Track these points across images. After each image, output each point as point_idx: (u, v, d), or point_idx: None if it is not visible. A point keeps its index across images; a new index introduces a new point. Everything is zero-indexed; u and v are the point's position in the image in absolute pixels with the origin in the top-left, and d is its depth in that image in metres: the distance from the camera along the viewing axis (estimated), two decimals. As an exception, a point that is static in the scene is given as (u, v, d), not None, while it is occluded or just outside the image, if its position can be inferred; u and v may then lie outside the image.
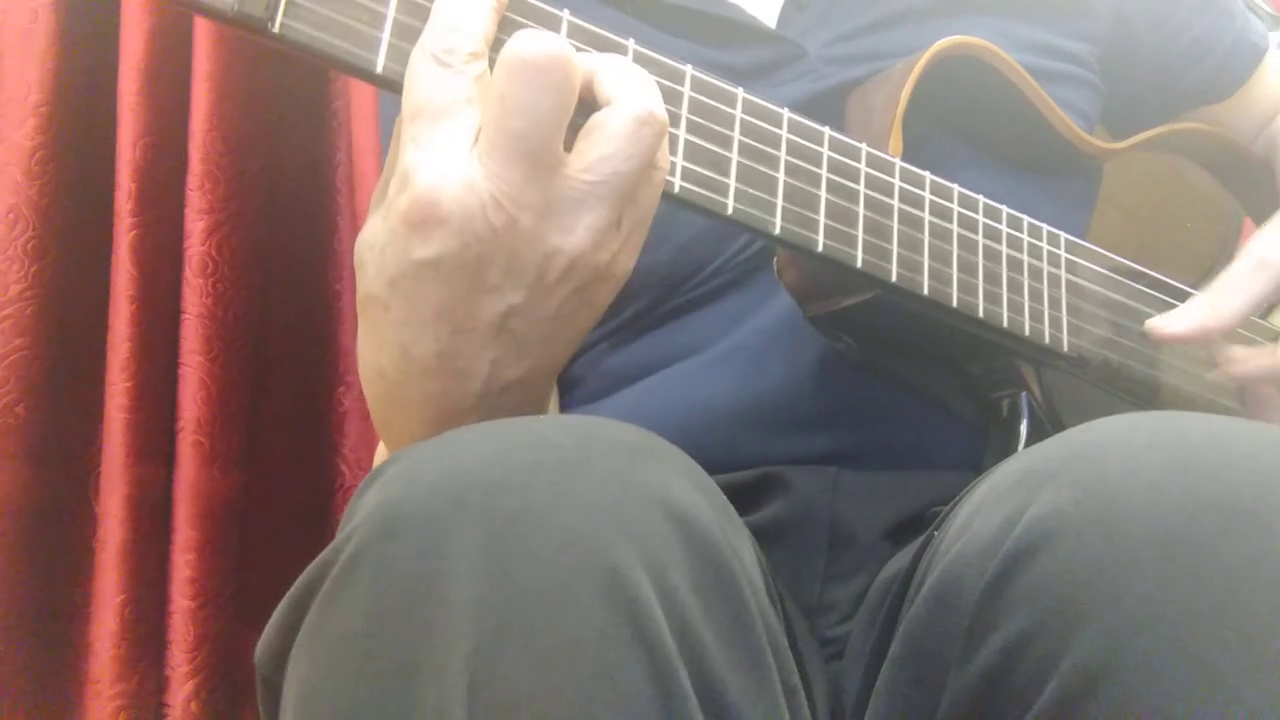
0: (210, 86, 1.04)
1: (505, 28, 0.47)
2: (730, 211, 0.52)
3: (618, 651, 0.38)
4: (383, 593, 0.39)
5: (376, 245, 0.48)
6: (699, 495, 0.45)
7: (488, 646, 0.38)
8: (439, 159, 0.45)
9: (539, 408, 0.54)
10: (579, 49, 0.48)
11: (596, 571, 0.39)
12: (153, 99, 1.03)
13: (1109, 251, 0.70)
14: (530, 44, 0.44)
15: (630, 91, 0.47)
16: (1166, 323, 0.69)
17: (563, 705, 0.37)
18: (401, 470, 0.43)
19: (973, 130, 0.71)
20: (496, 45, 0.46)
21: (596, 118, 0.46)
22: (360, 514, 0.42)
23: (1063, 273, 0.67)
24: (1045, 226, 0.66)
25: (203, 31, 1.04)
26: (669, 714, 0.39)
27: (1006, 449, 0.67)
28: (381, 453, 0.71)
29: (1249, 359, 0.69)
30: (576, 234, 0.47)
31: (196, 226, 1.04)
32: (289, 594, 0.44)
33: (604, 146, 0.46)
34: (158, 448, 1.02)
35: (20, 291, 1.01)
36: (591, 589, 0.39)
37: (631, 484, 0.42)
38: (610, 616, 0.39)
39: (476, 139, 0.45)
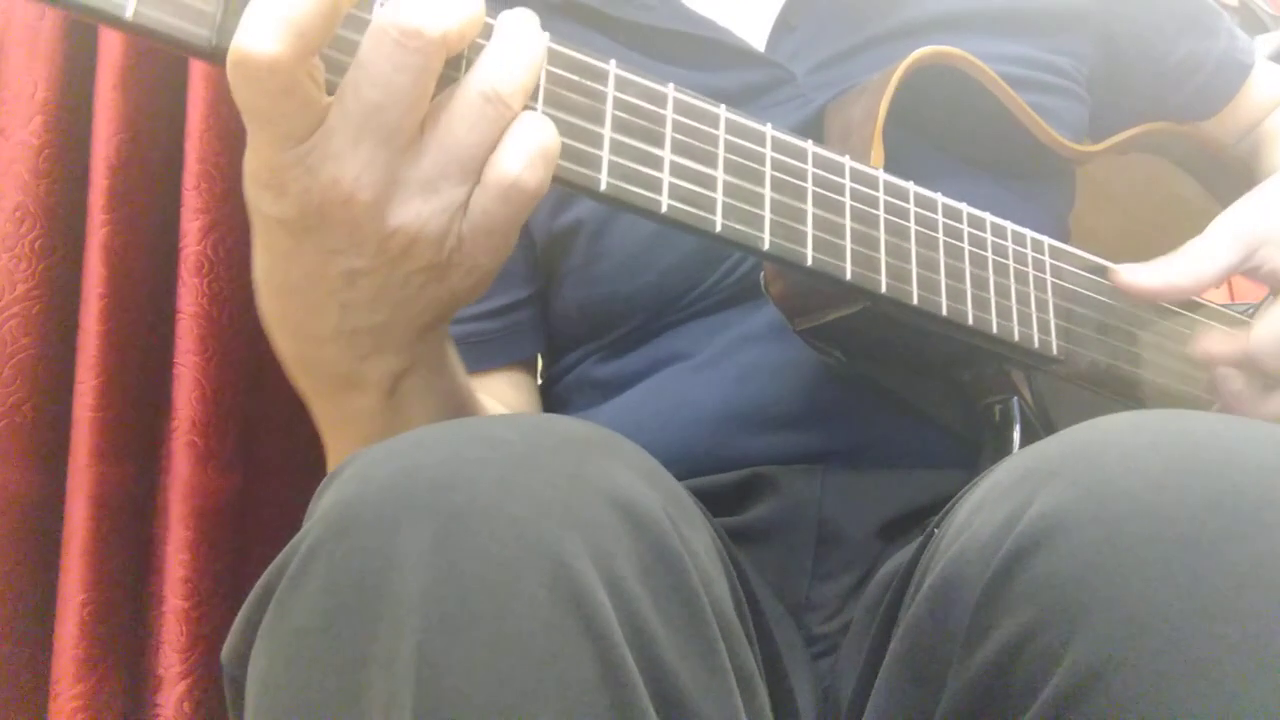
0: (207, 85, 1.03)
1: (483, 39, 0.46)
2: (719, 229, 0.52)
3: (564, 640, 0.39)
4: (334, 589, 0.40)
5: (246, 173, 0.47)
6: (649, 487, 0.45)
7: (435, 638, 0.38)
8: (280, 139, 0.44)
9: (403, 354, 0.53)
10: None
11: (542, 563, 0.40)
12: (129, 95, 1.02)
13: (1109, 250, 0.71)
14: (399, 14, 0.42)
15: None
16: (1135, 274, 0.68)
17: (509, 695, 0.38)
18: (355, 471, 0.44)
19: (950, 138, 0.71)
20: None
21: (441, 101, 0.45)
22: (316, 514, 0.43)
23: (1048, 276, 0.67)
24: (1028, 231, 0.67)
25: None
26: (616, 701, 0.39)
27: (1000, 455, 0.66)
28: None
29: (1221, 342, 0.69)
30: (420, 216, 0.45)
31: (192, 226, 1.03)
32: (251, 593, 0.45)
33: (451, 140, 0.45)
34: (128, 447, 1.01)
35: (27, 290, 0.99)
36: (537, 580, 0.40)
37: (579, 477, 0.43)
38: (556, 607, 0.39)
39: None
